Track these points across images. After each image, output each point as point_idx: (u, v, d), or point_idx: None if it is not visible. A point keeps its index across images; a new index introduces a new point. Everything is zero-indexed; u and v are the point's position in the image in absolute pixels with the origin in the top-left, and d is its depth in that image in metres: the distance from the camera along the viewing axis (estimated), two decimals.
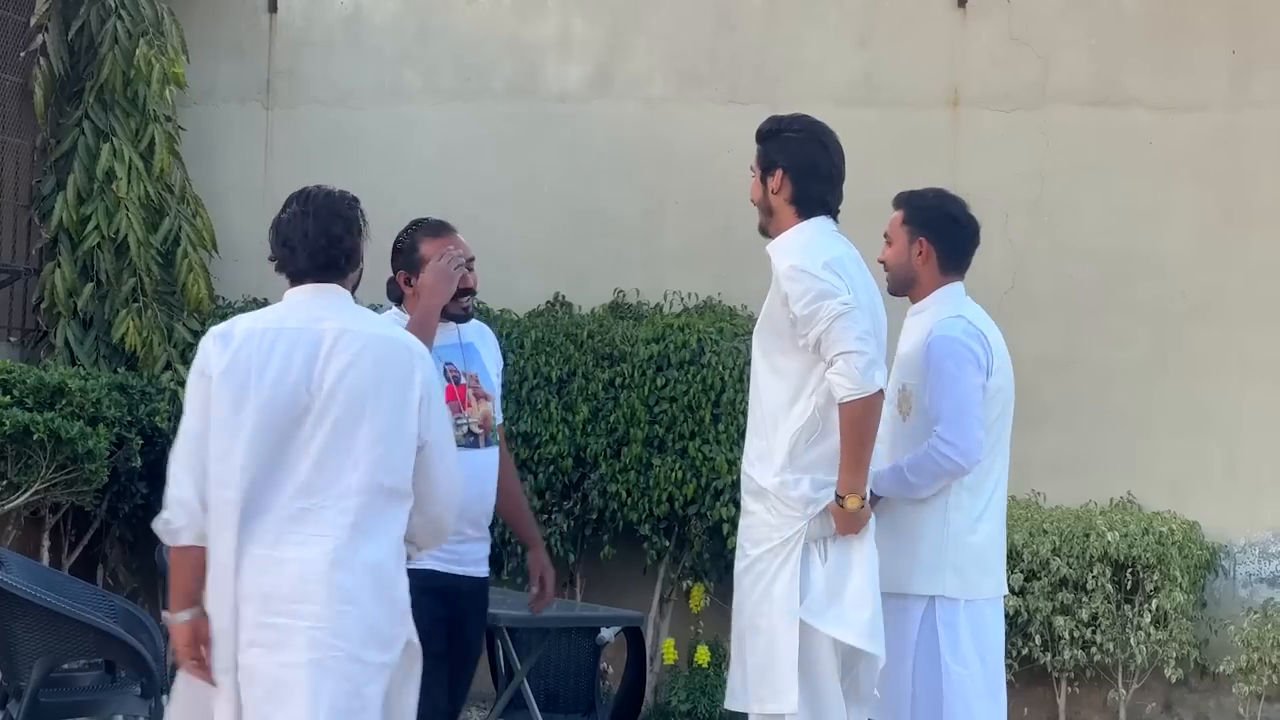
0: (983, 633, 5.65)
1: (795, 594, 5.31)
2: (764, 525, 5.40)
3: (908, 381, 5.68)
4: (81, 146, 9.84)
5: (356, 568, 4.59)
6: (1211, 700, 9.39)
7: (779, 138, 5.58)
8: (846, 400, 5.20)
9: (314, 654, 4.56)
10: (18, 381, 8.57)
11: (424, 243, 5.73)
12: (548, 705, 8.04)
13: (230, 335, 4.73)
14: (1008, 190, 9.65)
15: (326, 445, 4.62)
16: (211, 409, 4.67)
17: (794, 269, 5.32)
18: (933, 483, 5.55)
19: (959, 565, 5.59)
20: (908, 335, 5.80)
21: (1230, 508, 9.43)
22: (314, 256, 4.78)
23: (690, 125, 10.17)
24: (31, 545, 9.14)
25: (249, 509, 4.61)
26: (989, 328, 5.74)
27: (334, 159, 10.30)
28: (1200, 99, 9.67)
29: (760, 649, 5.38)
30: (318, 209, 4.80)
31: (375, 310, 5.27)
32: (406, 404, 4.68)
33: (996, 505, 5.75)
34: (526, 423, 9.55)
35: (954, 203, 5.86)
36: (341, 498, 4.60)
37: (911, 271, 5.79)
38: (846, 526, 5.31)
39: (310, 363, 4.66)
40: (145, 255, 9.82)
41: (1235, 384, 9.52)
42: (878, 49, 10.05)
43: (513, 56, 10.44)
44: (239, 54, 10.64)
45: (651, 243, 10.12)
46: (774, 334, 5.42)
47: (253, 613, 4.58)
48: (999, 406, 5.71)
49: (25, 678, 6.33)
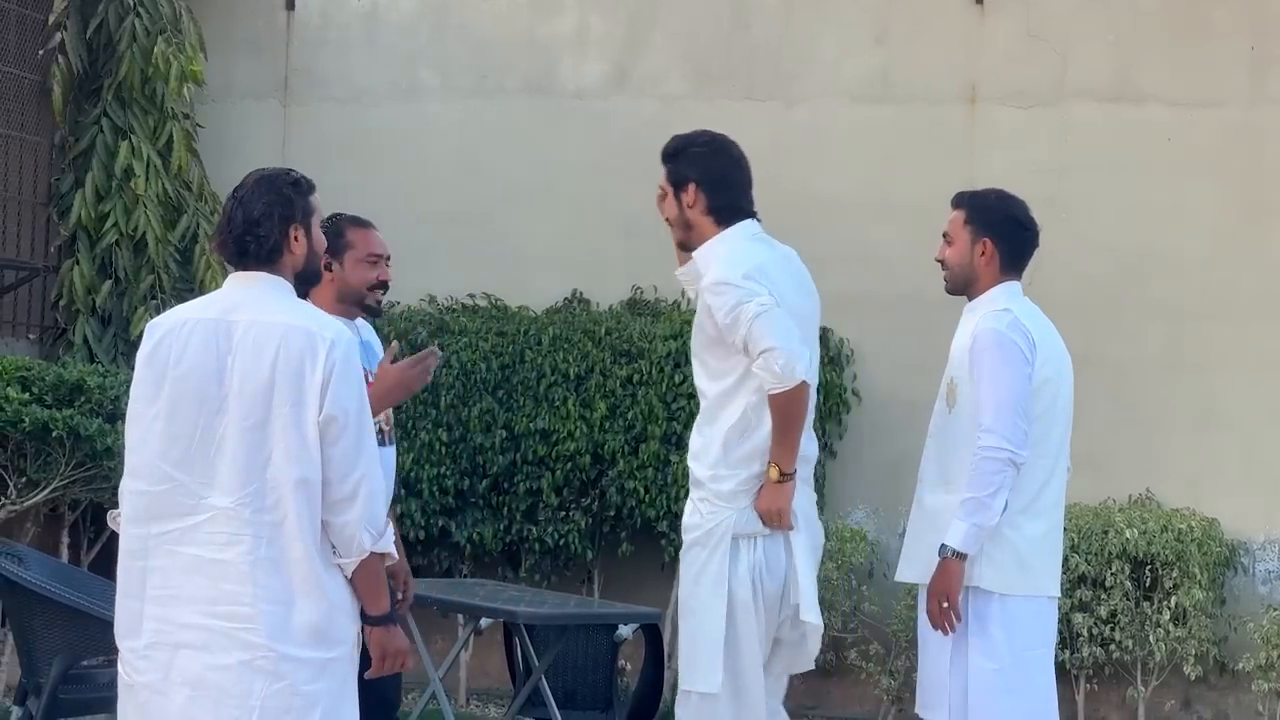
0: (1020, 630, 5.62)
1: (724, 580, 5.63)
2: (696, 514, 5.73)
3: (955, 375, 5.73)
4: (100, 144, 9.86)
5: (281, 565, 4.51)
6: (1231, 697, 9.38)
7: (686, 154, 5.92)
8: (771, 392, 5.57)
9: (244, 655, 4.49)
10: (37, 379, 8.58)
11: (349, 232, 5.95)
12: (565, 702, 8.05)
13: (157, 326, 4.67)
14: (1024, 187, 9.40)
15: (240, 441, 4.52)
16: (130, 400, 4.64)
17: (716, 283, 5.65)
18: (993, 480, 5.49)
19: (996, 559, 5.58)
20: (960, 331, 5.83)
21: (1249, 505, 9.41)
22: (225, 244, 4.68)
23: (707, 122, 9.97)
24: (51, 542, 9.16)
25: (165, 504, 4.55)
26: (1038, 322, 5.75)
27: (351, 156, 10.32)
28: (1218, 96, 9.64)
29: (689, 631, 5.70)
30: (245, 194, 4.68)
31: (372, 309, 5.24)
32: (306, 391, 4.51)
33: (1047, 505, 5.72)
34: (544, 419, 9.56)
35: (1018, 205, 5.93)
36: (258, 495, 4.50)
37: (973, 272, 5.81)
38: (771, 500, 5.63)
39: (221, 357, 4.55)
40: (163, 252, 9.84)
41: (1253, 381, 9.50)
42: (894, 45, 10.03)
43: (529, 54, 10.44)
44: (256, 51, 10.67)
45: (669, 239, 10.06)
46: (705, 339, 5.75)
47: (176, 613, 4.52)
48: (1045, 399, 5.67)
49: (45, 674, 6.33)
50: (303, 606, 4.53)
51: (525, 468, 9.60)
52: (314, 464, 4.52)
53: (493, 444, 9.61)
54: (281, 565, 4.52)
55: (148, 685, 4.58)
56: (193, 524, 4.55)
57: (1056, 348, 5.78)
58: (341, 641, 4.62)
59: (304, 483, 4.51)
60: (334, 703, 4.61)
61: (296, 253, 4.73)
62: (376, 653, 4.75)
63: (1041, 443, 5.64)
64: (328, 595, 4.57)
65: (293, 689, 4.52)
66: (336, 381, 4.54)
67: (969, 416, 5.60)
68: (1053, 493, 5.75)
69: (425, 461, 9.56)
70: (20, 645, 6.59)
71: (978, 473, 5.50)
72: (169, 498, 4.57)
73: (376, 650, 4.74)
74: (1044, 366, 5.66)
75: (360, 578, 4.63)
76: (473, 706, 9.72)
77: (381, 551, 4.63)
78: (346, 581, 4.62)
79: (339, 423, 4.53)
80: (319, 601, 4.55)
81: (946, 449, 5.72)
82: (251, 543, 4.51)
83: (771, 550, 5.69)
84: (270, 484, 4.52)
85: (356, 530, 4.56)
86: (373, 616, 4.70)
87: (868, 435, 9.73)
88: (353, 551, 4.58)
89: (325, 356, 4.54)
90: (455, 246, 10.26)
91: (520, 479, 9.61)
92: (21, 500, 8.53)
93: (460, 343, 9.78)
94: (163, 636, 4.56)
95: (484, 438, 9.61)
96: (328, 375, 4.53)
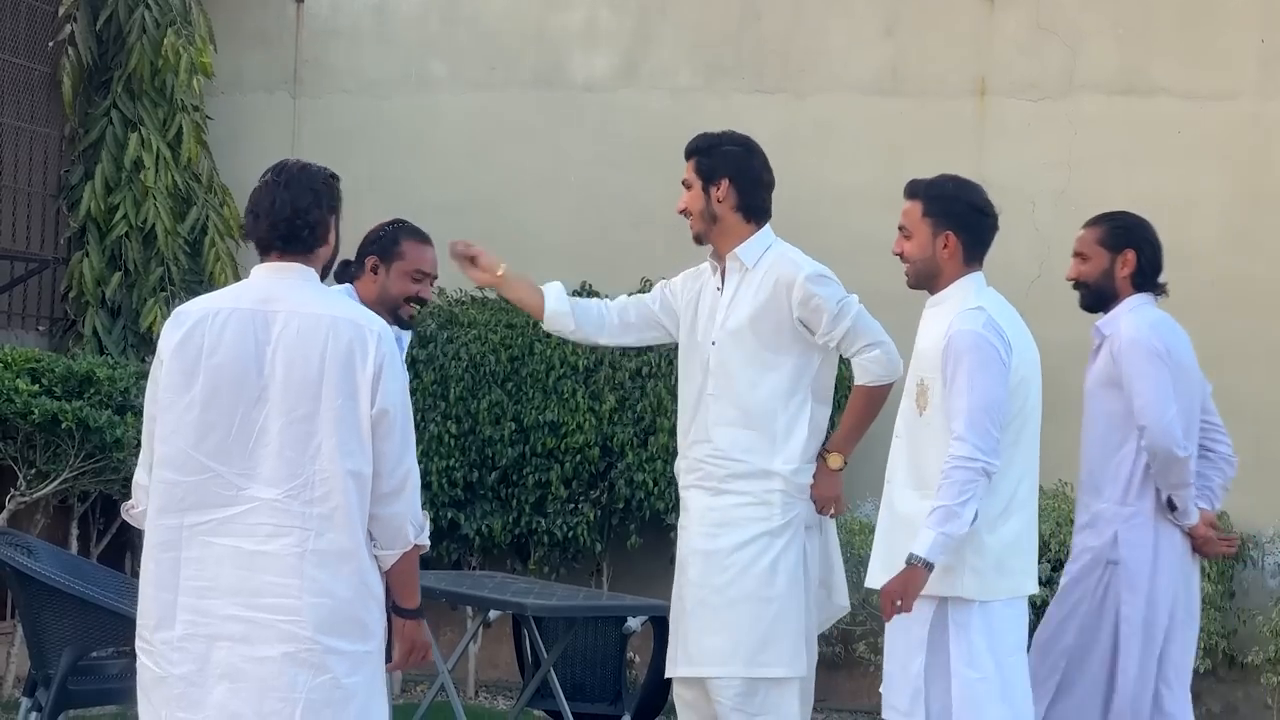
0: (1000, 634, 5.52)
1: (801, 568, 5.82)
2: (764, 505, 5.81)
3: (926, 376, 5.58)
4: (109, 136, 9.88)
5: (329, 558, 4.51)
6: (1240, 690, 9.37)
7: (720, 150, 6.00)
8: (877, 384, 5.80)
9: (288, 647, 4.49)
10: (46, 370, 8.60)
11: (405, 242, 5.95)
12: (574, 694, 8.05)
13: (185, 315, 4.64)
14: (1035, 180, 9.63)
15: (285, 433, 4.50)
16: (160, 390, 4.60)
17: (819, 275, 5.80)
18: (965, 490, 5.35)
19: (976, 567, 5.47)
20: (926, 328, 5.67)
21: (1258, 498, 9.38)
22: (275, 227, 4.64)
23: (716, 115, 10.08)
24: (60, 533, 9.18)
25: (200, 494, 4.53)
26: (1009, 319, 5.60)
27: (360, 148, 10.33)
28: (1229, 88, 9.63)
29: (767, 618, 5.77)
30: (290, 179, 4.67)
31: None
32: (359, 384, 4.51)
33: (1021, 504, 5.59)
34: (553, 412, 9.56)
35: (976, 191, 5.71)
36: (306, 487, 4.49)
37: (935, 266, 5.63)
38: (830, 487, 5.87)
39: (260, 347, 4.53)
40: (173, 244, 9.86)
41: (1263, 373, 9.48)
42: (904, 38, 10.03)
43: (539, 46, 10.45)
44: (266, 43, 10.67)
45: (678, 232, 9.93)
46: (774, 330, 5.82)
47: (214, 605, 4.51)
48: (1019, 401, 5.53)
49: (54, 665, 6.34)
50: (348, 599, 4.54)
51: (534, 460, 9.61)
52: (366, 457, 4.53)
53: (502, 436, 9.61)
54: (330, 558, 4.51)
55: (183, 677, 4.57)
56: (231, 515, 4.53)
57: (1027, 342, 5.64)
58: (375, 634, 4.64)
59: (356, 475, 4.52)
60: (369, 695, 4.62)
61: (330, 244, 4.75)
62: (405, 646, 4.76)
63: (1016, 444, 5.52)
64: (370, 588, 4.59)
65: (335, 681, 4.53)
66: (387, 375, 4.56)
67: (941, 419, 5.47)
68: (1027, 489, 5.63)
69: (434, 454, 9.57)
70: (30, 636, 6.60)
71: (949, 482, 5.36)
72: (204, 488, 4.54)
73: (406, 644, 4.76)
74: (1020, 366, 5.53)
75: (399, 570, 4.66)
76: (481, 699, 9.73)
77: (421, 544, 4.67)
78: (381, 574, 4.64)
79: (390, 416, 4.55)
80: (362, 594, 4.57)
81: (918, 451, 5.58)
82: (300, 535, 4.50)
83: (819, 538, 5.93)
84: (320, 476, 4.51)
85: (403, 522, 4.60)
86: (407, 610, 4.73)
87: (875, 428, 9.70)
88: (397, 544, 4.61)
89: (375, 349, 4.56)
90: (464, 238, 10.21)
91: (529, 471, 9.61)
92: (31, 492, 8.55)
93: (469, 335, 9.79)
94: (198, 628, 4.54)
95: (493, 430, 9.61)
96: (378, 368, 4.55)
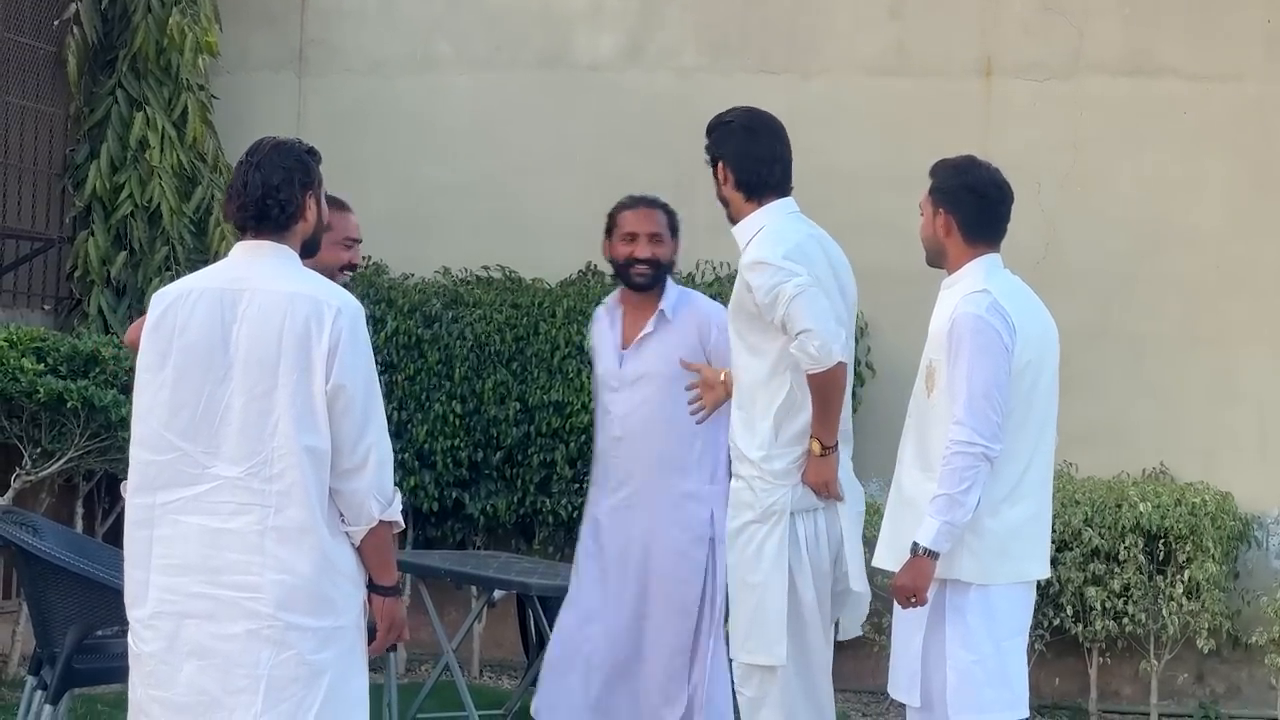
0: (999, 618, 5.48)
1: (784, 555, 5.73)
2: (747, 492, 5.80)
3: (934, 358, 5.57)
4: (115, 115, 9.87)
5: (290, 535, 4.52)
6: (1244, 671, 9.38)
7: (715, 131, 5.98)
8: (809, 373, 5.68)
9: (251, 624, 4.51)
10: (51, 349, 8.59)
11: (331, 213, 5.87)
12: None
13: (164, 295, 4.68)
14: (1040, 160, 9.61)
15: (246, 410, 4.52)
16: (138, 368, 4.65)
17: (755, 262, 5.74)
18: (965, 477, 5.33)
19: (975, 550, 5.43)
20: (937, 310, 5.66)
21: (1263, 479, 9.40)
22: (246, 207, 4.68)
23: (722, 95, 10.01)
24: (65, 512, 9.19)
25: (170, 473, 4.57)
26: (1019, 302, 5.55)
27: (366, 128, 10.32)
28: (1235, 69, 9.61)
29: (750, 604, 5.75)
30: (262, 159, 4.71)
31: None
32: (313, 360, 4.51)
33: (1029, 489, 5.53)
34: (558, 392, 9.56)
35: (974, 172, 5.65)
36: (265, 464, 4.51)
37: (938, 244, 5.66)
38: (817, 473, 5.75)
39: (227, 326, 4.56)
40: (178, 224, 9.86)
41: (1268, 355, 9.49)
42: (910, 18, 10.01)
43: (544, 26, 10.43)
44: (271, 23, 10.65)
45: (683, 212, 10.05)
46: (745, 316, 5.82)
47: (182, 582, 4.54)
48: (1027, 382, 5.49)
49: (59, 644, 6.34)
50: (309, 575, 4.54)
51: (539, 440, 9.60)
52: (321, 432, 4.53)
53: (507, 416, 9.61)
54: (290, 534, 4.52)
55: (154, 655, 4.61)
56: (198, 493, 4.56)
57: (1039, 326, 5.59)
58: (347, 610, 4.63)
59: (311, 451, 4.52)
60: (342, 672, 4.62)
61: (309, 220, 4.76)
62: (384, 623, 4.76)
63: (1021, 428, 5.47)
64: (334, 564, 4.59)
65: (299, 658, 4.54)
66: (344, 350, 4.54)
67: (947, 402, 5.44)
68: (1036, 474, 5.57)
69: (439, 434, 9.57)
70: (35, 615, 6.60)
71: (950, 469, 5.34)
72: (174, 467, 4.59)
73: (384, 621, 4.76)
74: (1025, 350, 5.46)
75: (368, 547, 4.65)
76: (486, 678, 9.74)
77: (390, 520, 4.65)
78: (354, 551, 4.64)
79: (347, 392, 4.54)
80: (325, 570, 4.56)
81: (925, 433, 5.55)
82: (260, 512, 4.52)
83: (823, 523, 5.82)
84: (278, 453, 4.52)
85: (365, 498, 4.58)
86: (381, 586, 4.72)
87: (883, 408, 9.69)
88: (361, 520, 4.60)
89: (331, 324, 4.54)
90: (470, 218, 10.26)
91: (534, 451, 9.61)
92: (36, 471, 8.55)
93: (474, 315, 9.78)
94: (168, 606, 4.58)
95: (498, 410, 9.61)
96: (334, 343, 4.54)
